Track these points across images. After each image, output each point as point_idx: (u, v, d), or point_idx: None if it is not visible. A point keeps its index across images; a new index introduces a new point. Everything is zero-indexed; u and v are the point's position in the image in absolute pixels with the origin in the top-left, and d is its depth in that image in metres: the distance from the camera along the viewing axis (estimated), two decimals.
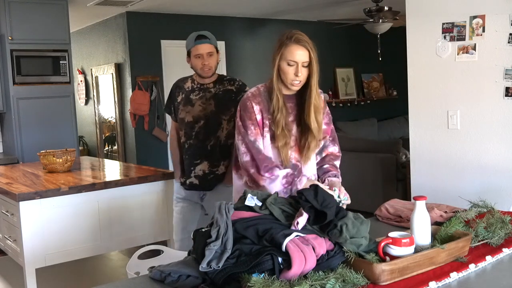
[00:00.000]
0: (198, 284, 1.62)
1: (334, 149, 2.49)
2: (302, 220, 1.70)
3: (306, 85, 2.27)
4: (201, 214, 3.22)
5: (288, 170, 2.26)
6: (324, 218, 1.71)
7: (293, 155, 2.32)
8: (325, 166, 2.44)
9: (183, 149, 3.13)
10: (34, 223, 3.17)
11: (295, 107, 2.33)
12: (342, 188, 2.27)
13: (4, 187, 3.36)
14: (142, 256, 2.60)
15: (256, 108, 2.27)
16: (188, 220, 3.19)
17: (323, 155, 2.47)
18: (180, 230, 3.20)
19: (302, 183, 2.22)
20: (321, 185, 2.06)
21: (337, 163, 2.49)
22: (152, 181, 3.64)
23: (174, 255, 2.45)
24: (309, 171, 2.40)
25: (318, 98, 2.29)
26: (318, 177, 2.44)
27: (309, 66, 2.21)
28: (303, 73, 2.20)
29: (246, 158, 2.27)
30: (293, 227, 1.69)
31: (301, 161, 2.35)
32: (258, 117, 2.27)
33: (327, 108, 2.46)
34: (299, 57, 2.18)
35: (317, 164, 2.47)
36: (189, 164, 3.08)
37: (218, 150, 3.05)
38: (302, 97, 2.30)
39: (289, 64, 2.19)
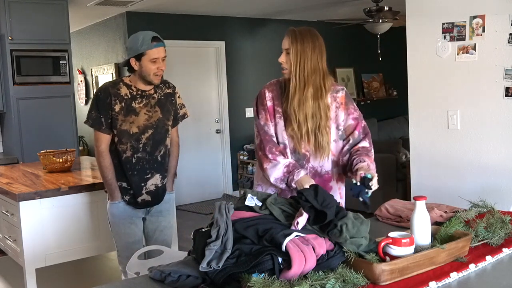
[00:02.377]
0: (198, 284, 1.62)
1: (365, 143, 2.51)
2: (302, 220, 1.70)
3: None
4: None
5: (291, 160, 2.37)
6: (324, 218, 1.71)
7: (303, 144, 2.40)
8: (355, 155, 2.44)
9: (127, 164, 2.77)
10: (34, 223, 3.17)
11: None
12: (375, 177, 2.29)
13: (4, 187, 3.36)
14: (142, 256, 2.60)
15: (268, 95, 2.43)
16: (139, 241, 2.92)
17: (355, 148, 2.47)
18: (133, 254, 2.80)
19: (299, 175, 2.29)
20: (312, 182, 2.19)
21: (371, 154, 2.53)
22: None
23: (174, 255, 2.45)
24: (321, 164, 2.45)
25: (299, 87, 2.34)
26: (347, 166, 2.45)
27: (289, 53, 2.36)
28: (283, 58, 2.37)
29: (257, 141, 2.44)
30: (293, 227, 1.69)
31: (312, 152, 2.41)
32: (269, 103, 2.42)
33: (354, 104, 2.51)
34: (283, 45, 2.38)
35: (348, 156, 2.46)
36: (138, 180, 2.79)
37: (167, 159, 2.93)
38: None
39: (281, 52, 2.39)
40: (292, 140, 2.39)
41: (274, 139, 2.41)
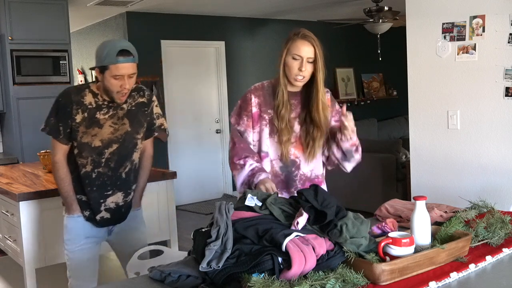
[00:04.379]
0: (198, 284, 1.61)
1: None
2: (302, 220, 1.70)
3: (312, 83, 2.30)
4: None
5: (258, 164, 2.28)
6: (324, 218, 1.71)
7: (292, 151, 2.35)
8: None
9: (86, 179, 2.49)
10: (34, 223, 3.17)
11: (299, 105, 2.36)
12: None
13: (4, 187, 3.36)
14: (142, 256, 2.60)
15: (254, 100, 2.32)
16: (95, 263, 2.64)
17: None
18: (89, 276, 2.61)
19: (259, 178, 2.21)
20: (270, 184, 2.18)
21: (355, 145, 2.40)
22: (152, 181, 3.63)
23: (174, 255, 2.45)
24: (311, 169, 2.41)
25: (324, 95, 2.32)
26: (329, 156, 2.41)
27: (314, 63, 2.25)
28: (307, 69, 2.24)
29: (229, 148, 2.37)
30: (293, 227, 1.69)
31: (304, 158, 2.36)
32: (254, 109, 2.32)
33: (337, 105, 2.47)
34: (304, 52, 2.22)
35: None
36: (98, 196, 2.51)
37: (132, 176, 2.61)
38: (307, 95, 2.34)
39: (294, 58, 2.23)
40: (280, 146, 2.31)
41: (252, 147, 2.33)
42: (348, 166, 2.38)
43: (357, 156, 2.35)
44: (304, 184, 2.36)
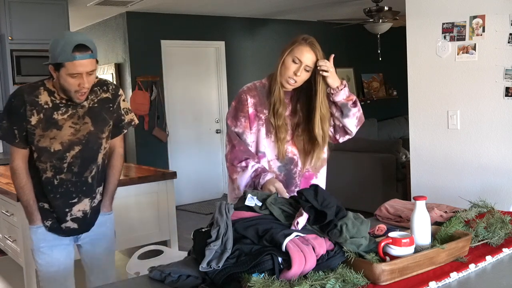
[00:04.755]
0: (198, 284, 1.61)
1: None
2: (302, 220, 1.70)
3: (314, 93, 2.27)
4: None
5: (260, 164, 2.28)
6: (324, 218, 1.71)
7: (289, 148, 2.35)
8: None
9: (48, 186, 2.28)
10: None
11: (290, 104, 2.35)
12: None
13: (4, 187, 3.37)
14: (142, 256, 2.60)
15: (250, 101, 2.31)
16: (67, 273, 2.42)
17: None
18: (61, 284, 2.40)
19: (265, 178, 2.20)
20: (278, 184, 2.16)
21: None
22: (152, 181, 3.64)
23: (174, 255, 2.45)
24: (319, 180, 2.41)
25: (325, 107, 2.28)
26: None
27: (314, 76, 2.24)
28: (302, 75, 2.23)
29: (226, 151, 2.33)
30: (293, 227, 1.69)
31: (302, 156, 2.36)
32: (250, 110, 2.30)
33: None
34: (306, 58, 2.22)
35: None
36: (62, 205, 2.30)
37: (98, 178, 2.39)
38: (297, 90, 2.32)
39: (293, 61, 2.23)
40: (277, 145, 2.30)
41: (251, 148, 2.31)
42: (349, 123, 2.31)
43: (355, 110, 2.29)
44: (303, 179, 2.36)
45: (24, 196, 2.29)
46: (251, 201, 1.83)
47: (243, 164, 2.25)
